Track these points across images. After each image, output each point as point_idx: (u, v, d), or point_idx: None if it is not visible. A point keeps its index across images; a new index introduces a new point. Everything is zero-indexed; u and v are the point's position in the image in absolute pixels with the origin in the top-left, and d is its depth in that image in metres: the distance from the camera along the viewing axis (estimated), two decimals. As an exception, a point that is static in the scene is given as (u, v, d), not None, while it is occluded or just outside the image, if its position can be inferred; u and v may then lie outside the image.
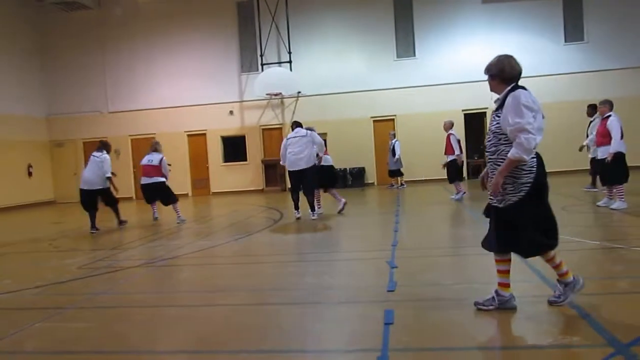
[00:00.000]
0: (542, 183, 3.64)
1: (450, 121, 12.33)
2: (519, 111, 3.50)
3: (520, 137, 3.46)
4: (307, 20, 19.02)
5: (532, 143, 3.47)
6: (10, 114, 18.48)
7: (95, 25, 20.14)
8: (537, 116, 3.55)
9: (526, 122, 3.47)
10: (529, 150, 3.48)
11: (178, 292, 5.18)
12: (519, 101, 3.52)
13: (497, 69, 3.75)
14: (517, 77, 3.72)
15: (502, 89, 3.74)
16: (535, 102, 3.56)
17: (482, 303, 3.81)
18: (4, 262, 7.76)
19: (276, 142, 19.44)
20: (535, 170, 3.61)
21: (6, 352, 3.64)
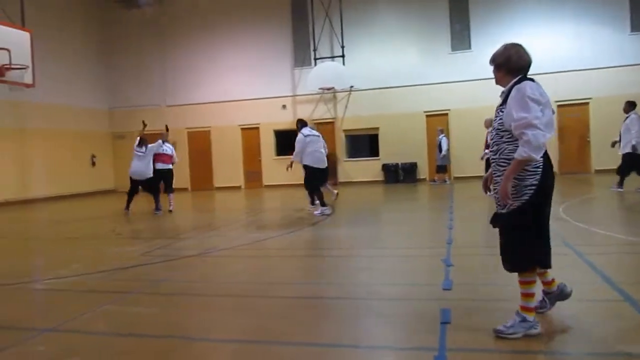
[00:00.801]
0: (548, 186, 3.25)
1: (491, 118, 12.10)
2: (524, 105, 3.12)
3: (527, 133, 3.07)
4: (361, 14, 18.95)
5: (541, 139, 3.08)
6: (76, 107, 19.39)
7: (156, 21, 20.78)
8: (545, 111, 3.18)
9: (533, 116, 3.09)
10: (537, 147, 3.09)
11: (234, 283, 5.32)
12: (524, 93, 3.15)
13: (503, 58, 3.40)
14: (525, 68, 3.35)
15: (507, 81, 3.37)
16: (543, 95, 3.21)
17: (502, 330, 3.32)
18: (73, 246, 8.18)
19: (329, 136, 19.49)
20: (541, 172, 3.21)
21: (78, 331, 3.86)
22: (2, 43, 11.79)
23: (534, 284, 3.33)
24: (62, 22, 18.76)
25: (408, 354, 3.23)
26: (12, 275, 6.04)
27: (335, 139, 19.45)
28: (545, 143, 3.15)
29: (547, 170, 3.23)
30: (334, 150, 19.36)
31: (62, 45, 18.70)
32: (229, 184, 20.34)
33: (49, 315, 4.33)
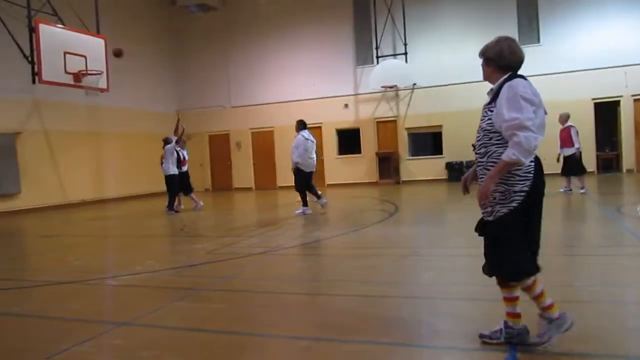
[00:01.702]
0: (539, 192, 3.03)
1: (567, 113, 11.86)
2: (516, 104, 2.88)
3: (518, 135, 2.84)
4: (423, 11, 18.65)
5: (533, 142, 2.86)
6: (147, 110, 20.23)
7: (220, 25, 21.34)
8: (538, 111, 2.96)
9: (526, 117, 2.85)
10: (528, 151, 2.87)
11: (299, 280, 5.37)
12: (516, 92, 2.91)
13: (494, 52, 3.12)
14: (516, 66, 3.11)
15: (497, 78, 3.11)
16: (536, 94, 2.97)
17: (489, 335, 3.22)
18: (147, 244, 8.54)
19: (391, 134, 19.38)
20: (532, 177, 2.98)
21: (152, 325, 4.02)
22: (79, 50, 12.49)
23: (516, 287, 3.13)
24: (133, 28, 19.60)
25: (478, 354, 3.15)
26: (92, 271, 6.37)
27: (398, 137, 19.26)
28: (537, 146, 2.93)
29: (538, 176, 3.01)
30: (396, 149, 19.18)
31: (134, 51, 19.51)
32: (291, 183, 20.53)
33: (124, 310, 4.53)
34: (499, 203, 3.01)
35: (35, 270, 6.86)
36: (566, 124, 11.74)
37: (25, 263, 7.53)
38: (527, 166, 2.98)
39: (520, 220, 3.00)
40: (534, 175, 3.00)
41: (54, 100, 15.48)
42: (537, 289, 3.09)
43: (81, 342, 3.62)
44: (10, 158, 14.46)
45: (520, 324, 3.16)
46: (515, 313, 3.16)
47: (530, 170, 2.99)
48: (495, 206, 3.02)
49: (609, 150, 17.89)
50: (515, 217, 2.98)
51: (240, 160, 21.54)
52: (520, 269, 3.03)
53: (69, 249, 8.21)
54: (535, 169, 3.01)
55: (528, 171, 2.99)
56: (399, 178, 19.08)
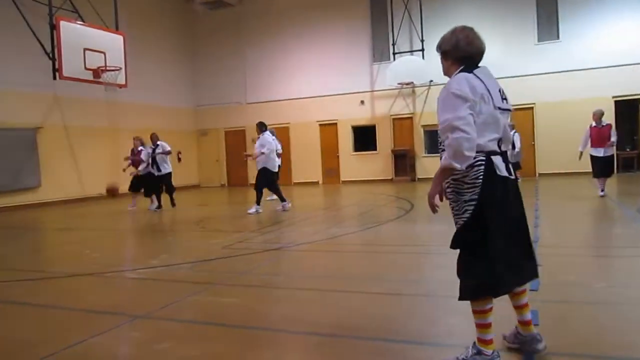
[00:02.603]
0: (495, 199, 2.68)
1: (601, 110, 11.04)
2: (448, 103, 2.64)
3: (448, 137, 2.59)
4: (441, 7, 18.50)
5: (465, 145, 2.55)
6: (164, 106, 20.40)
7: (236, 21, 21.41)
8: (479, 107, 2.65)
9: (455, 116, 2.58)
10: (460, 154, 2.56)
11: (315, 277, 5.38)
12: (448, 90, 2.67)
13: (450, 44, 2.86)
14: (476, 57, 2.85)
15: (455, 72, 2.84)
16: (476, 88, 2.66)
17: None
18: (162, 237, 8.62)
19: (407, 131, 19.30)
20: (481, 184, 2.66)
21: (168, 319, 4.06)
22: (98, 46, 12.63)
23: (488, 313, 2.81)
24: (151, 24, 19.77)
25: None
26: (108, 264, 6.45)
27: (414, 134, 19.18)
28: (472, 147, 2.58)
29: (489, 181, 2.67)
30: (412, 146, 19.10)
31: (151, 47, 19.72)
32: (307, 179, 20.62)
33: (141, 303, 4.58)
34: (455, 214, 2.81)
35: (53, 262, 6.97)
36: (603, 122, 10.80)
37: (44, 255, 7.66)
38: (474, 171, 2.67)
39: (477, 230, 2.69)
40: (484, 180, 2.67)
41: (74, 96, 15.68)
42: (526, 314, 2.94)
43: (99, 334, 3.68)
44: (31, 152, 14.70)
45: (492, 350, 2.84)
46: (486, 340, 2.84)
47: (477, 176, 2.68)
48: (454, 217, 2.82)
49: (629, 150, 17.62)
50: (470, 228, 2.71)
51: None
52: (479, 283, 2.73)
53: (86, 241, 8.32)
54: (486, 174, 2.67)
55: (475, 177, 2.68)
56: (415, 175, 19.00)
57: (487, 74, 2.83)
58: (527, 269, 2.90)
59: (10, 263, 6.80)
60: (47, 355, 3.31)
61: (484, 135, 2.68)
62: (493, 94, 2.74)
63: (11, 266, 6.52)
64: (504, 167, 2.75)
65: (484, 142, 2.68)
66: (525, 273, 2.89)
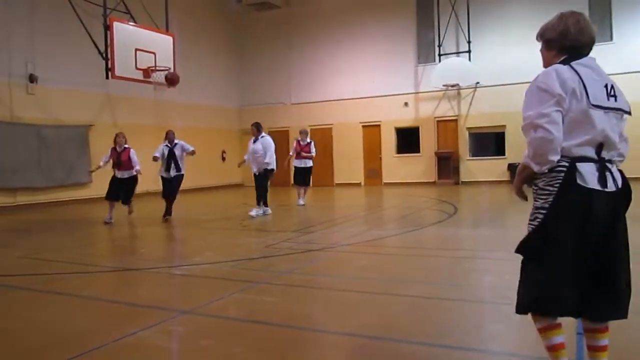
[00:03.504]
0: (563, 215, 2.34)
1: None
2: (532, 98, 2.37)
3: (529, 135, 2.35)
4: (489, 8, 18.16)
5: (546, 146, 2.28)
6: (211, 105, 20.82)
7: (283, 23, 21.61)
8: (567, 104, 2.31)
9: (538, 113, 2.30)
10: (540, 156, 2.32)
11: (357, 278, 5.38)
12: (534, 83, 2.41)
13: (557, 32, 2.52)
14: (584, 47, 2.49)
15: (550, 63, 2.53)
16: (567, 82, 2.32)
17: None
18: (206, 235, 8.79)
19: (451, 133, 19.03)
20: (556, 192, 2.35)
21: (212, 315, 4.15)
22: (149, 46, 12.96)
23: (552, 331, 2.47)
24: (200, 26, 20.19)
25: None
26: (156, 259, 6.64)
27: (459, 137, 18.88)
28: (555, 149, 2.29)
29: (565, 192, 2.34)
30: (456, 148, 18.82)
31: (200, 48, 20.13)
32: (349, 180, 20.60)
33: (186, 299, 4.69)
34: (529, 218, 2.53)
35: (104, 257, 7.22)
36: None
37: (95, 249, 7.93)
38: (552, 177, 2.37)
39: (540, 241, 2.41)
40: (559, 189, 2.35)
41: (124, 95, 16.20)
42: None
43: (146, 328, 3.78)
44: (83, 149, 15.27)
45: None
46: (552, 345, 2.51)
47: (553, 183, 2.37)
48: (529, 220, 2.53)
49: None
50: (535, 238, 2.45)
51: (299, 156, 21.72)
52: (532, 299, 2.45)
53: (134, 237, 8.57)
54: (563, 182, 2.34)
55: (550, 183, 2.38)
56: (459, 178, 18.70)
57: (590, 66, 2.44)
58: (603, 306, 2.43)
59: (66, 256, 7.08)
60: (97, 346, 3.43)
61: (571, 137, 2.35)
62: (590, 89, 2.34)
63: (66, 259, 6.79)
64: (596, 178, 2.34)
65: (570, 145, 2.34)
66: (599, 308, 2.43)
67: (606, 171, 2.36)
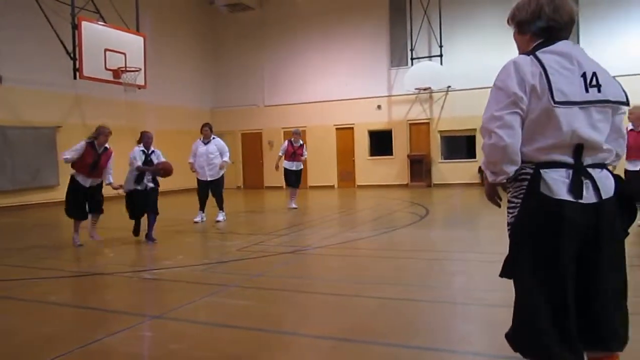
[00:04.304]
0: (528, 231, 2.00)
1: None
2: (490, 98, 2.09)
3: (483, 142, 2.08)
4: (460, 13, 18.40)
5: (497, 154, 1.99)
6: (182, 107, 20.57)
7: (256, 24, 21.52)
8: (525, 103, 1.98)
9: (489, 116, 2.02)
10: (492, 164, 2.04)
11: (329, 280, 5.37)
12: (495, 80, 2.09)
13: (527, 12, 2.17)
14: (560, 28, 2.10)
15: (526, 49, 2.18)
16: (526, 77, 1.98)
17: None
18: (177, 238, 8.66)
19: (423, 136, 19.21)
20: (520, 204, 2.04)
21: (182, 320, 4.08)
22: (119, 46, 12.77)
23: None
24: (172, 26, 19.94)
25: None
26: (125, 263, 6.51)
27: (431, 140, 19.07)
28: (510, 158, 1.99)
29: (529, 203, 2.00)
30: (428, 151, 19.01)
31: (172, 48, 19.90)
32: (322, 183, 20.60)
33: (156, 303, 4.62)
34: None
35: (71, 261, 7.04)
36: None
37: (62, 253, 7.74)
38: (516, 188, 2.08)
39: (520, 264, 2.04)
40: (522, 201, 2.03)
41: (94, 96, 15.87)
42: None
43: (114, 333, 3.71)
44: (50, 151, 14.91)
45: None
46: None
47: (518, 194, 2.07)
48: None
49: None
50: (508, 261, 2.11)
51: (272, 159, 21.63)
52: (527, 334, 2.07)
53: (103, 241, 8.39)
54: (527, 192, 2.01)
55: (515, 194, 2.08)
56: (431, 181, 18.90)
57: (564, 52, 2.05)
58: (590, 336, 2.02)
59: (31, 260, 6.89)
60: (64, 353, 3.34)
61: (534, 141, 2.01)
62: (557, 84, 1.96)
63: (32, 264, 6.61)
64: (565, 187, 1.96)
65: (531, 150, 2.01)
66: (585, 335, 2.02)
67: (584, 178, 1.97)
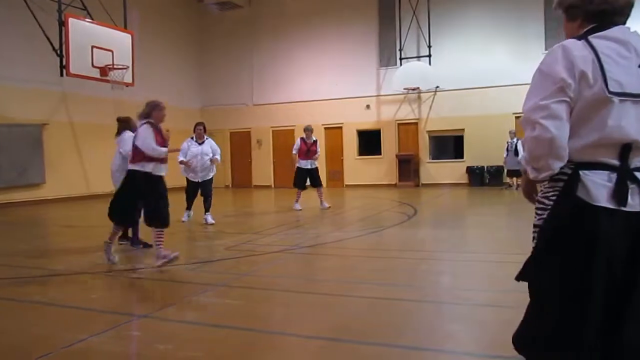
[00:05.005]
0: (559, 238, 1.80)
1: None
2: (533, 84, 1.86)
3: (526, 134, 1.84)
4: (449, 14, 18.50)
5: (542, 148, 1.77)
6: (171, 105, 20.31)
7: (245, 23, 21.46)
8: (574, 91, 1.75)
9: (534, 105, 1.79)
10: (535, 160, 1.82)
11: (317, 280, 5.38)
12: (539, 66, 1.87)
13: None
14: (615, 12, 1.85)
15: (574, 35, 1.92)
16: (576, 61, 1.75)
17: None
18: (165, 237, 8.60)
19: (412, 136, 19.29)
20: (552, 207, 1.84)
21: (170, 319, 4.06)
22: (106, 44, 12.67)
23: None
24: (160, 23, 19.81)
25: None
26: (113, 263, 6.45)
27: (419, 140, 19.16)
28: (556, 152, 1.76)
29: (562, 207, 1.80)
30: (417, 151, 19.09)
31: (160, 46, 19.77)
32: (310, 182, 20.57)
33: (143, 303, 4.59)
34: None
35: (57, 260, 6.98)
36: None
37: (48, 252, 7.67)
38: (549, 187, 1.88)
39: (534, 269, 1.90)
40: (554, 203, 1.84)
41: (80, 93, 15.73)
42: None
43: (100, 333, 3.68)
44: (36, 148, 14.75)
45: None
46: None
47: (550, 195, 1.87)
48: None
49: None
50: (530, 265, 1.92)
51: (261, 158, 21.66)
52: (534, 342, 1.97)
53: (90, 239, 8.33)
54: (561, 194, 1.81)
55: (546, 195, 1.89)
56: (419, 181, 18.98)
57: (619, 38, 1.80)
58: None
59: (15, 259, 6.82)
60: (47, 353, 3.31)
61: (577, 136, 1.79)
62: (611, 71, 1.74)
63: (16, 263, 6.54)
64: (606, 192, 1.75)
65: (575, 146, 1.79)
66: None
67: (630, 183, 1.76)
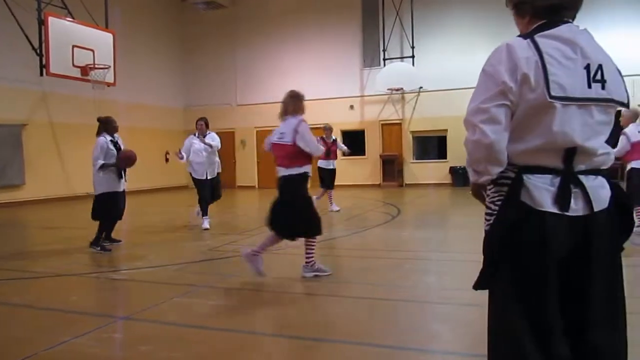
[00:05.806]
0: (504, 244, 1.74)
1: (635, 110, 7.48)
2: (477, 86, 1.78)
3: (466, 137, 1.79)
4: (432, 15, 18.62)
5: (480, 153, 1.72)
6: (153, 105, 20.28)
7: (229, 22, 21.36)
8: (515, 95, 1.68)
9: (475, 108, 1.73)
10: (475, 163, 1.78)
11: (301, 280, 5.36)
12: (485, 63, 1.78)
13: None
14: (563, 7, 1.76)
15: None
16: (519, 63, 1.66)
17: None
18: (149, 238, 8.54)
19: (396, 137, 19.36)
20: (498, 212, 1.76)
21: (152, 321, 4.02)
22: (87, 43, 12.51)
23: None
24: (142, 23, 19.63)
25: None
26: (93, 264, 6.38)
27: (403, 140, 19.24)
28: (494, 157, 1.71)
29: (507, 212, 1.73)
30: (400, 151, 19.17)
31: (142, 46, 19.59)
32: (295, 183, 20.54)
33: (125, 304, 4.54)
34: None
35: (37, 262, 6.87)
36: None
37: (28, 254, 7.55)
38: (494, 193, 1.81)
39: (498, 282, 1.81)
40: (500, 209, 1.76)
41: (61, 93, 15.52)
42: None
43: (80, 335, 3.63)
44: (15, 149, 14.50)
45: None
46: None
47: (495, 199, 1.79)
48: None
49: None
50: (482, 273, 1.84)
51: (245, 158, 21.58)
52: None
53: (71, 240, 8.22)
54: (505, 199, 1.74)
55: (492, 199, 1.81)
56: (403, 181, 19.06)
57: (566, 38, 1.71)
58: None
59: (-8, 261, 6.70)
60: (29, 355, 3.25)
61: (520, 140, 1.73)
62: (555, 75, 1.65)
63: (-7, 264, 6.43)
64: (550, 196, 1.68)
65: (516, 150, 1.73)
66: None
67: (573, 187, 1.69)
